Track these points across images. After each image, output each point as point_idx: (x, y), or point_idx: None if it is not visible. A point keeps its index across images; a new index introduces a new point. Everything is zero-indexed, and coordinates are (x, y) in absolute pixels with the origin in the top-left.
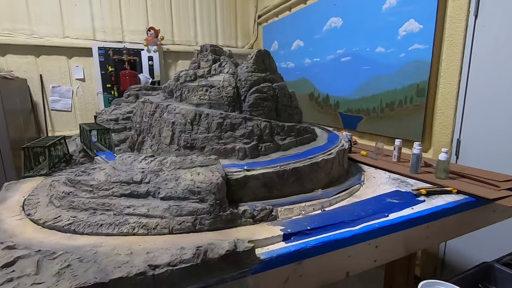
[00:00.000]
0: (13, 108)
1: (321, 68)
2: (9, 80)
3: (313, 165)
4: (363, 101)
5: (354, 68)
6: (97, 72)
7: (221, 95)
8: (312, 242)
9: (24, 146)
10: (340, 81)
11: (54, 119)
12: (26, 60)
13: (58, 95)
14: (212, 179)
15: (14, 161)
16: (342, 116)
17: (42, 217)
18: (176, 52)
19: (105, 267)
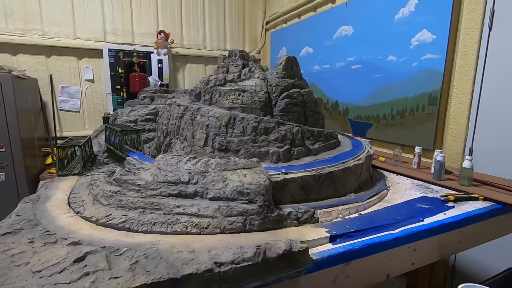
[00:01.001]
0: (24, 108)
1: (331, 75)
2: (21, 80)
3: (346, 170)
4: (373, 108)
5: (364, 76)
6: (107, 74)
7: (254, 100)
8: (358, 244)
9: (58, 145)
10: (350, 88)
11: (62, 119)
12: (37, 60)
13: (67, 96)
14: (260, 180)
15: (25, 160)
16: (352, 123)
17: (93, 215)
18: (184, 56)
19: (173, 263)
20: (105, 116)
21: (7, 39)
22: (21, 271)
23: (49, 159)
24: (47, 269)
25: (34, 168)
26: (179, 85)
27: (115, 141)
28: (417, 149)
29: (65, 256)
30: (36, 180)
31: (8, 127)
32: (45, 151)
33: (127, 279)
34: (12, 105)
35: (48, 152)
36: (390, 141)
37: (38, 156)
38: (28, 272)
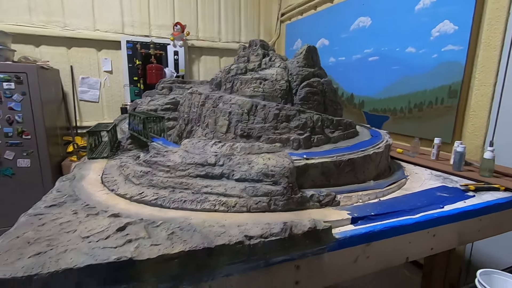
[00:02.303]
0: (48, 97)
1: (346, 67)
2: (45, 70)
3: (366, 157)
4: (390, 101)
5: (381, 68)
6: (125, 65)
7: (275, 88)
8: (379, 226)
9: (88, 130)
10: (366, 81)
11: (82, 109)
12: (59, 52)
13: (86, 86)
14: (284, 163)
15: (48, 148)
16: (367, 116)
17: (127, 192)
18: (200, 48)
19: (206, 235)
20: (123, 107)
21: (31, 31)
22: (70, 236)
23: (70, 147)
24: (94, 236)
25: (56, 155)
26: (194, 77)
27: (139, 128)
28: (436, 141)
29: (108, 226)
30: (59, 167)
31: (34, 116)
32: (67, 139)
33: (166, 246)
34: (37, 95)
35: (69, 140)
36: (407, 134)
37: (60, 144)
38: (78, 238)
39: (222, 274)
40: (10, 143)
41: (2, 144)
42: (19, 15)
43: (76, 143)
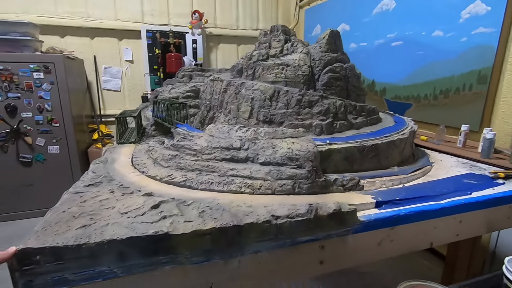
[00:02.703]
0: (74, 87)
1: (368, 53)
2: (71, 60)
3: (390, 143)
4: (413, 87)
5: (405, 53)
6: (145, 54)
7: (297, 74)
8: (403, 211)
9: (117, 116)
10: (389, 67)
11: (105, 98)
12: (82, 42)
13: (109, 76)
14: (309, 148)
15: (75, 135)
16: (389, 103)
17: (157, 174)
18: (218, 36)
19: (235, 214)
20: (143, 95)
21: (56, 22)
22: (110, 212)
23: (95, 134)
24: (132, 212)
25: (83, 142)
26: (212, 65)
27: (162, 115)
28: (463, 127)
29: (143, 203)
30: (85, 154)
31: (61, 104)
32: (92, 127)
33: (199, 223)
34: (64, 84)
35: (94, 128)
36: (431, 122)
37: (86, 132)
38: (117, 213)
39: (250, 251)
40: (41, 130)
41: (34, 131)
42: (45, 6)
43: (101, 130)
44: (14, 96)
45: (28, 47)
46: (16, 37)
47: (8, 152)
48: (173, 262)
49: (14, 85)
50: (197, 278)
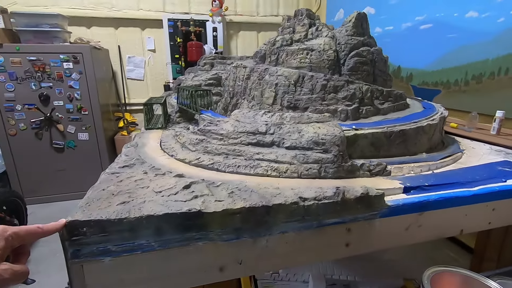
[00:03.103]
0: (101, 76)
1: (394, 38)
2: (97, 50)
3: (419, 129)
4: (442, 73)
5: (435, 37)
6: (167, 43)
7: (322, 58)
8: (433, 197)
9: (144, 103)
10: (416, 52)
11: (129, 87)
12: (107, 32)
13: (133, 65)
14: (335, 132)
15: (103, 123)
16: (415, 90)
17: (186, 157)
18: (238, 23)
19: (263, 195)
20: (166, 84)
21: (83, 13)
22: (145, 191)
23: (121, 122)
24: (165, 191)
25: (110, 130)
26: (232, 53)
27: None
28: (498, 114)
29: (175, 184)
30: (112, 141)
31: (90, 93)
32: (117, 115)
33: (229, 202)
34: (91, 74)
35: (119, 116)
36: (461, 109)
37: (112, 120)
38: (152, 192)
39: (278, 231)
40: (71, 118)
41: (65, 119)
42: None
43: (126, 118)
44: (47, 86)
45: (58, 38)
46: (47, 28)
47: (42, 139)
48: (205, 239)
49: (46, 75)
50: (227, 254)
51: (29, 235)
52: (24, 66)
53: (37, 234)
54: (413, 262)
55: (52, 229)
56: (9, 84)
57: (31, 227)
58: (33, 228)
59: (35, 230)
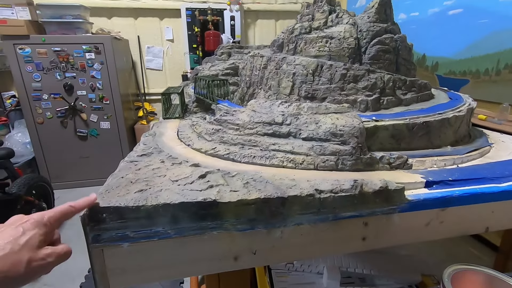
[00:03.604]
0: (121, 66)
1: (420, 24)
2: (118, 41)
3: (444, 121)
4: (472, 61)
5: (465, 23)
6: (184, 33)
7: (342, 47)
8: (457, 192)
9: (162, 92)
10: (443, 39)
11: (148, 77)
12: (127, 22)
13: (152, 55)
14: (354, 123)
15: (124, 113)
16: (441, 80)
17: (202, 147)
18: (255, 11)
19: (278, 186)
20: (183, 74)
21: (104, 3)
22: (162, 180)
23: (140, 112)
24: (181, 180)
25: (130, 119)
26: (250, 42)
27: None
28: None
29: (191, 173)
30: (132, 130)
31: (111, 83)
32: (137, 105)
33: (244, 193)
34: (112, 64)
35: (139, 106)
36: (491, 100)
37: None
38: (168, 181)
39: (293, 223)
40: (94, 107)
41: (88, 108)
42: None
43: (145, 108)
44: (71, 76)
45: (80, 29)
46: (70, 19)
47: (67, 127)
48: (220, 228)
49: (70, 66)
50: (242, 244)
51: (64, 216)
52: (49, 57)
53: (71, 213)
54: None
55: (84, 205)
56: (36, 74)
57: (64, 207)
58: (66, 208)
59: (69, 209)
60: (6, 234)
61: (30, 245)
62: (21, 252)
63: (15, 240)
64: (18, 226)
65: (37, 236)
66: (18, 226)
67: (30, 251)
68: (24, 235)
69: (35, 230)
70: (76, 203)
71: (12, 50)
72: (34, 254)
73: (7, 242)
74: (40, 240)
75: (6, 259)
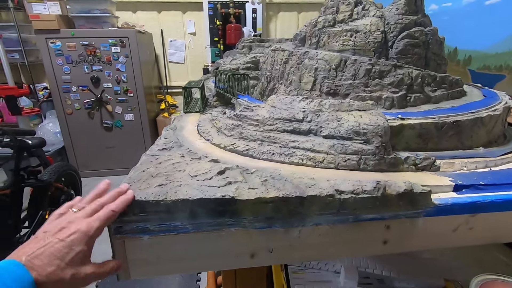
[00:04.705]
0: (145, 60)
1: (453, 16)
2: (142, 34)
3: (476, 120)
4: (509, 55)
5: (503, 13)
6: (206, 26)
7: (368, 41)
8: (489, 197)
9: (184, 86)
10: (478, 31)
11: (170, 70)
12: (151, 16)
13: (174, 49)
14: (378, 122)
15: (147, 105)
16: (474, 74)
17: (221, 142)
18: (278, 4)
19: (297, 185)
20: (204, 67)
21: None
22: (182, 174)
23: (163, 104)
24: (200, 175)
25: (152, 111)
26: (271, 36)
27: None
28: None
29: (210, 169)
30: (154, 122)
31: (135, 76)
32: (159, 98)
33: (262, 191)
34: (136, 57)
35: (161, 98)
36: None
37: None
38: (187, 176)
39: (312, 223)
40: (118, 99)
41: (113, 100)
42: None
43: (167, 101)
44: (97, 69)
45: (107, 23)
46: (97, 14)
47: (94, 119)
48: (238, 225)
49: (97, 59)
50: (259, 242)
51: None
52: (78, 50)
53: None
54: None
55: (124, 206)
56: (66, 67)
57: (107, 213)
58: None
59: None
60: (54, 248)
61: (75, 262)
62: (66, 269)
63: (63, 256)
64: (67, 238)
65: (82, 252)
66: (67, 238)
67: (74, 268)
68: (71, 251)
69: (81, 247)
70: (117, 207)
71: (44, 44)
72: (77, 271)
73: (56, 258)
74: (85, 256)
75: (52, 276)
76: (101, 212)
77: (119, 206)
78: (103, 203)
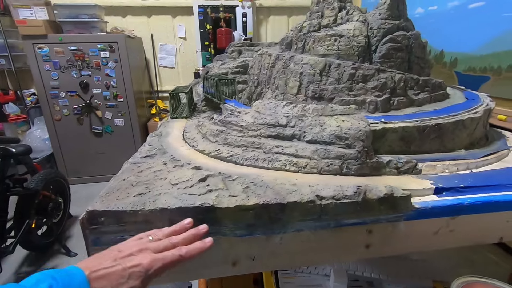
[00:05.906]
0: (134, 64)
1: (438, 19)
2: (131, 39)
3: (458, 123)
4: (493, 57)
5: (486, 17)
6: (197, 30)
7: (351, 45)
8: (469, 200)
9: (170, 92)
10: (463, 34)
11: (161, 75)
12: (141, 21)
13: (165, 53)
14: (360, 126)
15: (137, 110)
16: (460, 76)
17: (205, 149)
18: (268, 8)
19: (278, 191)
20: (195, 72)
21: (118, 2)
22: (163, 183)
23: (153, 109)
24: (181, 183)
25: (143, 116)
26: (262, 39)
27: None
28: None
29: (191, 176)
30: (145, 127)
31: (124, 81)
32: (150, 102)
33: (242, 198)
34: (126, 62)
35: (152, 103)
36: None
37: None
38: (168, 184)
39: (293, 229)
40: (108, 105)
41: (103, 105)
42: None
43: (158, 105)
44: (86, 74)
45: (95, 28)
46: (86, 19)
47: (83, 124)
48: (218, 233)
49: (85, 64)
50: (240, 249)
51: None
52: (66, 56)
53: (180, 263)
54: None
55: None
56: (54, 73)
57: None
58: (177, 258)
59: (179, 259)
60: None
61: None
62: None
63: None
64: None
65: None
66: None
67: None
68: (126, 284)
69: (136, 283)
70: (187, 253)
71: (31, 49)
72: None
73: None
74: None
75: None
76: (168, 253)
77: (190, 253)
78: (175, 243)
